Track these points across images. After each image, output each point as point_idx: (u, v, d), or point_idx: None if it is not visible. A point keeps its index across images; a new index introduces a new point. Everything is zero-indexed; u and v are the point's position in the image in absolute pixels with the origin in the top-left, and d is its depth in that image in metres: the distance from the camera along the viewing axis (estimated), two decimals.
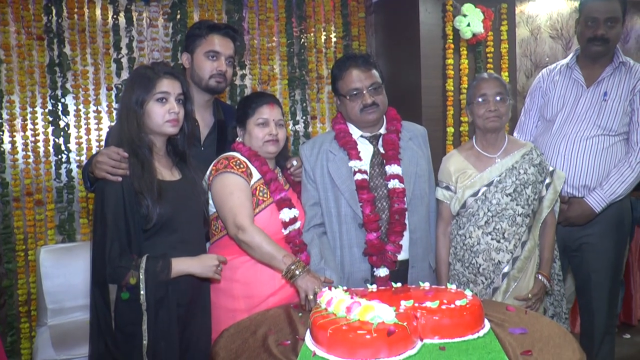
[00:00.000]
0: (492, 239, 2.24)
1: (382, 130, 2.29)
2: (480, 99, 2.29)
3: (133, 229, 1.81)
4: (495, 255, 2.23)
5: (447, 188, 2.35)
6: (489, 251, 2.23)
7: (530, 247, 2.26)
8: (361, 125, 2.26)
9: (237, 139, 2.22)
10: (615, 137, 2.56)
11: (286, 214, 2.12)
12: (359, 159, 2.21)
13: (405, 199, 2.18)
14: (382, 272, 2.14)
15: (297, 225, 2.16)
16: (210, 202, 2.12)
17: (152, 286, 1.78)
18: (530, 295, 2.22)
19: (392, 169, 2.20)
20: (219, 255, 1.97)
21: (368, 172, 2.21)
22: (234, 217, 2.00)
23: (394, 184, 2.18)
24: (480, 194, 2.26)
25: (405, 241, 2.19)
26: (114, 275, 1.77)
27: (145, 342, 1.78)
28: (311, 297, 1.88)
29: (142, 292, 1.76)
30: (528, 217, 2.25)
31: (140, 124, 1.89)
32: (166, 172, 1.97)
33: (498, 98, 2.27)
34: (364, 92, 2.19)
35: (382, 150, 2.25)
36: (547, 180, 2.32)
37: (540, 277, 2.27)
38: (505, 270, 2.23)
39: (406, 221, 2.19)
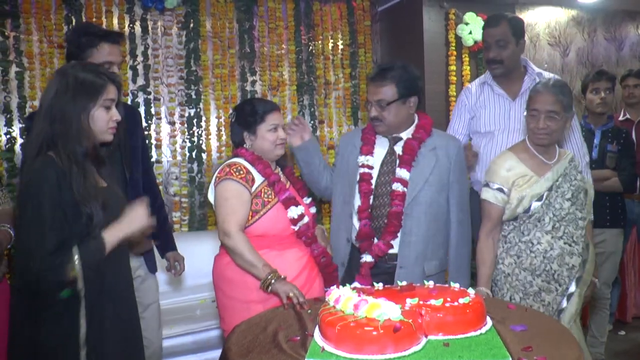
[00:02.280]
0: (564, 243, 2.16)
1: (406, 135, 2.36)
2: (532, 112, 2.17)
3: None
4: (569, 260, 2.16)
5: (500, 190, 2.22)
6: (563, 256, 2.15)
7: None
8: None
9: (245, 145, 2.26)
10: None
11: (294, 211, 2.19)
12: (370, 154, 2.36)
13: (404, 202, 2.26)
14: (367, 258, 2.26)
15: (306, 219, 2.23)
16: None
17: (91, 270, 1.62)
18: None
19: (400, 172, 2.29)
20: (141, 199, 1.82)
21: (378, 168, 2.34)
22: (222, 223, 2.09)
23: (396, 186, 2.27)
24: (544, 198, 2.17)
25: (396, 241, 2.28)
26: (54, 276, 1.57)
27: (83, 331, 1.62)
28: (291, 295, 1.94)
29: (79, 281, 1.59)
30: (584, 221, 2.22)
31: (83, 130, 1.70)
32: (98, 179, 1.81)
33: (549, 116, 2.13)
34: (373, 105, 2.32)
35: (398, 152, 2.34)
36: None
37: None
38: (579, 274, 2.18)
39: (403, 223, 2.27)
